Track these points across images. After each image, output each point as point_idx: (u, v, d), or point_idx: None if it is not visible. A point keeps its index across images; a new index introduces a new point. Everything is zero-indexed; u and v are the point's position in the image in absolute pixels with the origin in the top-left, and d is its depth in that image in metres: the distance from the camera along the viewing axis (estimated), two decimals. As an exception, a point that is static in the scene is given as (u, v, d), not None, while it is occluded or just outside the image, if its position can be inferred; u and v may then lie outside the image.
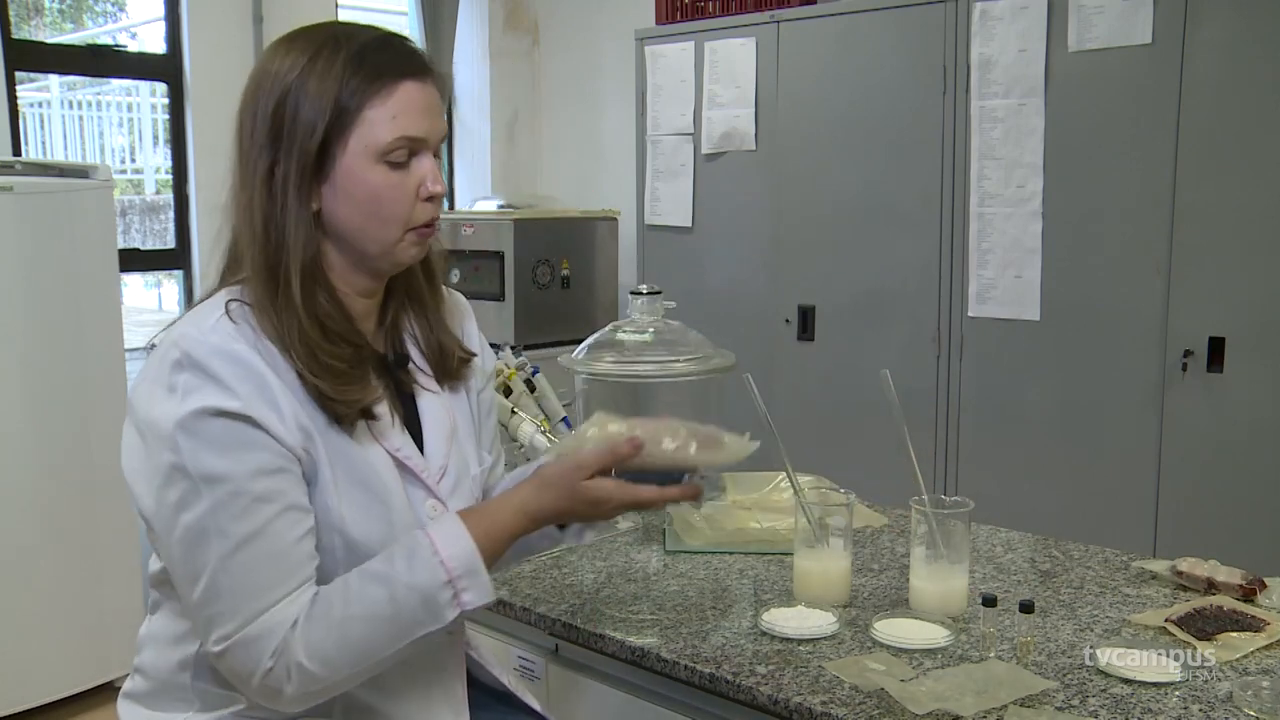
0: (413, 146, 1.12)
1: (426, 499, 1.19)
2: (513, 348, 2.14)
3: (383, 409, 1.16)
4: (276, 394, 1.07)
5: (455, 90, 4.52)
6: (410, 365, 1.23)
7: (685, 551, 1.64)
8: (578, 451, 1.18)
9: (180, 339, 1.07)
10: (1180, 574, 1.47)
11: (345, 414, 1.11)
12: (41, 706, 2.80)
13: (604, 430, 1.20)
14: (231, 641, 1.04)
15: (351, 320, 1.16)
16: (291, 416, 1.07)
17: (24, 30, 3.64)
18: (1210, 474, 2.70)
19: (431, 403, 1.23)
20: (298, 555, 1.07)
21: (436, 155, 1.16)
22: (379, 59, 1.11)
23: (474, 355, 1.29)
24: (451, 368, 1.25)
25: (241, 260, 1.14)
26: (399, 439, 1.17)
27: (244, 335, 1.08)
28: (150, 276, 5.06)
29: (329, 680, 1.07)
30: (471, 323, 1.34)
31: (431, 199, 1.14)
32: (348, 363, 1.12)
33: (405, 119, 1.10)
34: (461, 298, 1.35)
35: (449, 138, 4.62)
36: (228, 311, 1.10)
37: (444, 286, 1.29)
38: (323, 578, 1.11)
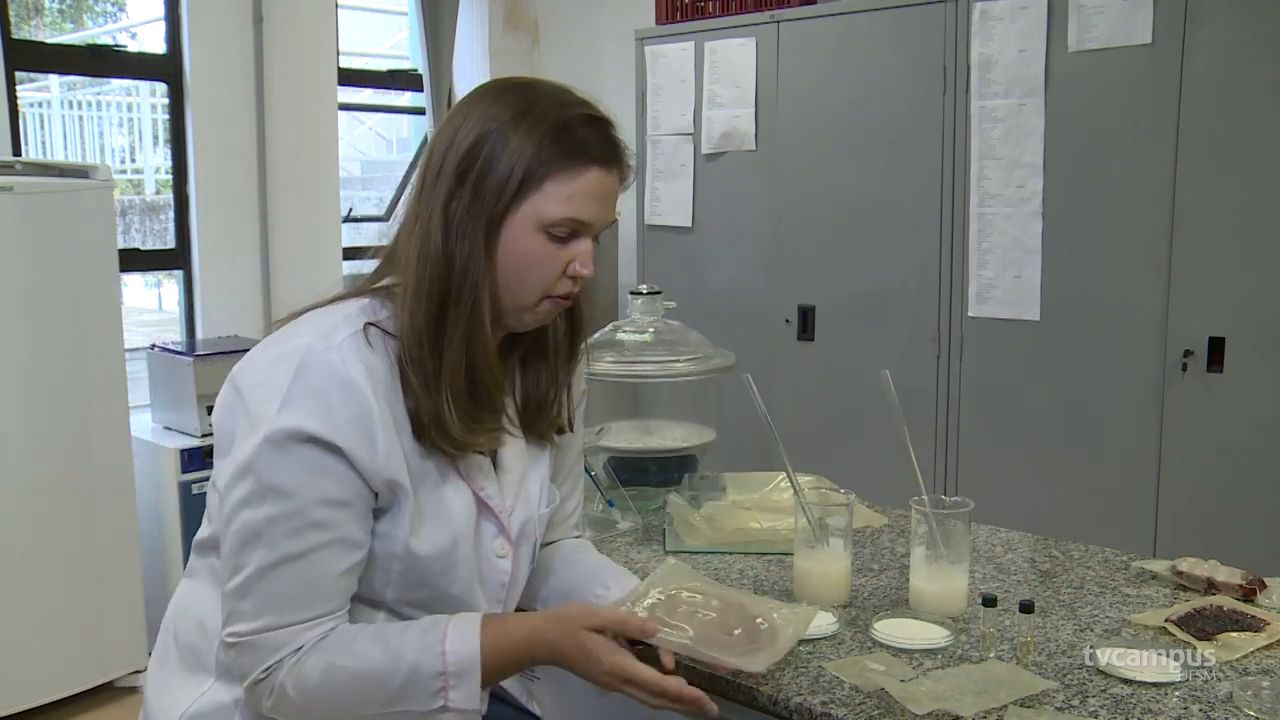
0: (576, 228, 1.14)
1: (496, 536, 1.22)
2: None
3: (485, 452, 1.19)
4: (377, 426, 1.08)
5: (455, 90, 4.52)
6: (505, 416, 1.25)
7: (685, 551, 1.64)
8: (599, 606, 1.22)
9: (305, 349, 1.07)
10: (1180, 574, 1.47)
11: (454, 454, 1.14)
12: (41, 706, 2.80)
13: (666, 593, 1.23)
14: (241, 641, 1.08)
15: (496, 364, 1.17)
16: (385, 450, 1.09)
17: (24, 30, 3.64)
18: (1210, 474, 2.70)
19: (511, 447, 1.25)
20: (333, 587, 1.10)
21: (597, 239, 1.19)
22: (578, 138, 1.13)
23: (568, 432, 1.32)
24: (541, 428, 1.27)
25: (395, 266, 1.16)
26: (484, 479, 1.20)
27: (366, 358, 1.09)
28: (150, 276, 5.08)
29: (304, 712, 1.10)
30: (581, 401, 1.36)
31: (576, 278, 1.16)
32: (493, 408, 1.16)
33: (580, 203, 1.13)
34: (583, 377, 1.37)
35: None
36: (366, 335, 1.11)
37: (580, 351, 1.31)
38: (373, 593, 1.15)
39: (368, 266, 1.23)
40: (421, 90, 4.39)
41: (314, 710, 1.10)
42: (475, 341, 1.12)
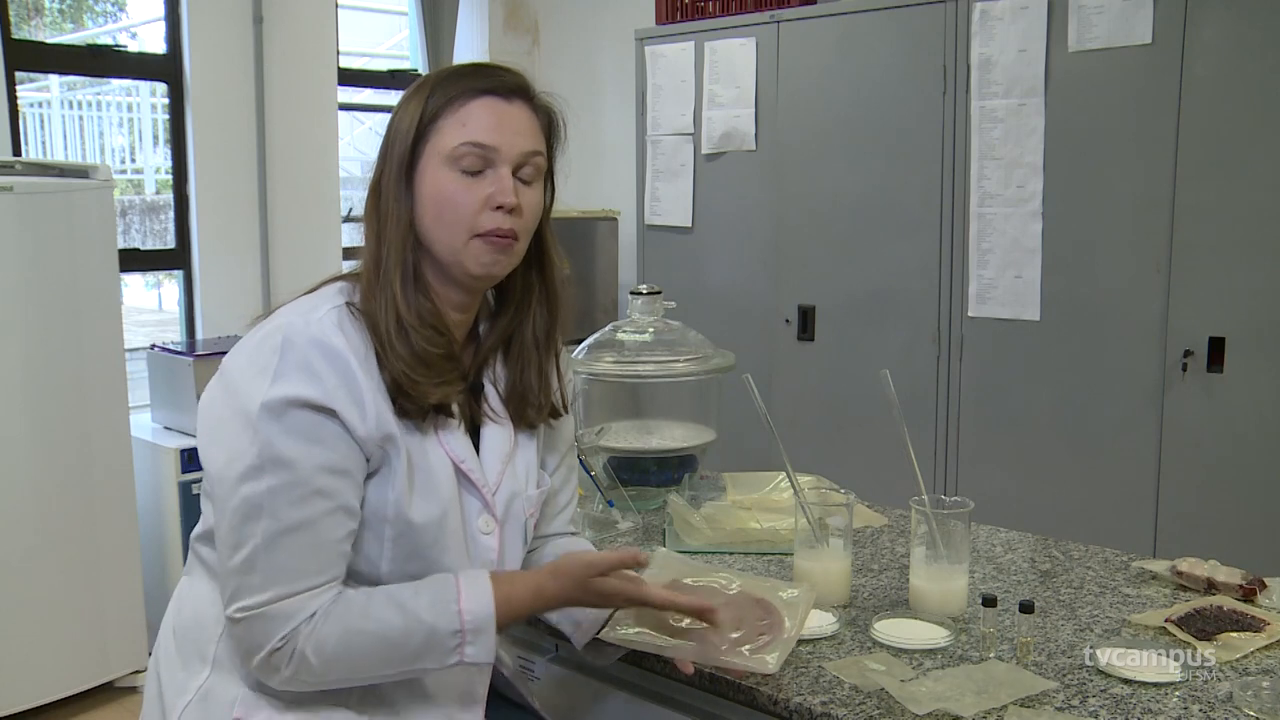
0: (484, 155, 1.17)
1: (481, 513, 1.24)
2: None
3: (454, 411, 1.21)
4: (363, 389, 1.12)
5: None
6: (483, 398, 1.27)
7: (686, 551, 1.63)
8: (589, 551, 1.29)
9: (285, 326, 1.12)
10: (1180, 574, 1.47)
11: (416, 409, 1.16)
12: (41, 706, 2.80)
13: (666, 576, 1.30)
14: (252, 614, 1.10)
15: (443, 318, 1.21)
16: (374, 413, 1.13)
17: (24, 30, 3.64)
18: (1210, 474, 2.70)
19: (494, 429, 1.27)
20: (335, 553, 1.13)
21: (522, 176, 1.20)
22: (465, 79, 1.19)
23: (564, 414, 1.35)
24: (530, 416, 1.30)
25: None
26: (463, 450, 1.22)
27: (346, 330, 1.14)
28: (150, 276, 5.08)
29: (323, 678, 1.12)
30: (570, 394, 1.39)
31: (501, 209, 1.18)
32: (438, 349, 1.18)
33: (474, 126, 1.17)
34: (568, 368, 1.40)
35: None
36: (349, 309, 1.16)
37: (559, 340, 1.33)
38: (366, 563, 1.17)
39: None
40: (421, 90, 4.39)
41: (333, 674, 1.12)
42: (406, 294, 1.17)
